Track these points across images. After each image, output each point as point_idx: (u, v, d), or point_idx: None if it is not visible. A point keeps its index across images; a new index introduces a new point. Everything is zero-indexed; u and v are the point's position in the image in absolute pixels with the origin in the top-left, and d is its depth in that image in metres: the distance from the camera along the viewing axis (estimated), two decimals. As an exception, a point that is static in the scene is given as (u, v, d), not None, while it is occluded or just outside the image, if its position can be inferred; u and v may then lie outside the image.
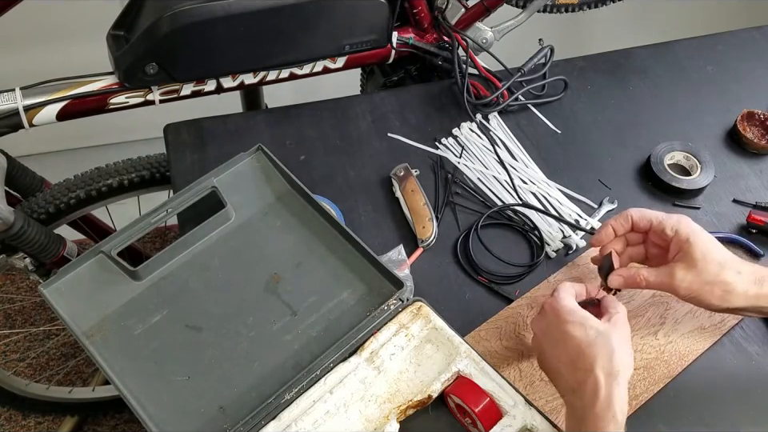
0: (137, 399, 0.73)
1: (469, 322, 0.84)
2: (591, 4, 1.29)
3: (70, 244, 1.13)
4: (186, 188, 0.85)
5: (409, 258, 0.90)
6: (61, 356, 1.70)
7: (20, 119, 0.95)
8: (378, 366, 0.75)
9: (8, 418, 1.63)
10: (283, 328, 0.79)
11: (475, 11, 1.14)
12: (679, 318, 0.85)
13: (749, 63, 1.16)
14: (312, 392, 0.73)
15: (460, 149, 1.01)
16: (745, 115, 1.04)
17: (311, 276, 0.82)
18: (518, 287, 0.89)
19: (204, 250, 0.84)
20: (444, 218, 0.95)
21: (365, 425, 0.72)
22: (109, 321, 0.79)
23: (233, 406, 0.73)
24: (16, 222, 1.00)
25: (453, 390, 0.74)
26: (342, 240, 0.83)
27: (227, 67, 1.01)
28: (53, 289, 0.78)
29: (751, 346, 0.84)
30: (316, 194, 0.88)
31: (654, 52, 1.17)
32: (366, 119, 1.06)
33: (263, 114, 1.13)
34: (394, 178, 0.97)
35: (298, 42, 1.01)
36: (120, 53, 0.95)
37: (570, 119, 1.07)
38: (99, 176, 1.12)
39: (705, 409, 0.79)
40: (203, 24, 0.92)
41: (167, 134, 1.02)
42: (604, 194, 0.98)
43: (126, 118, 1.07)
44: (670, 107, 1.09)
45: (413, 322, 0.77)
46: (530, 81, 1.09)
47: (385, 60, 1.12)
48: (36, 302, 1.77)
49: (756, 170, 1.02)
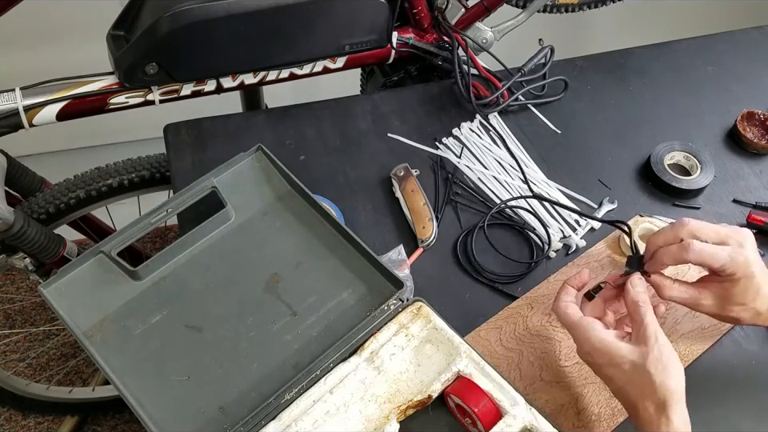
0: (137, 399, 0.73)
1: (469, 322, 0.84)
2: (591, 4, 1.29)
3: (70, 244, 1.13)
4: (186, 188, 0.85)
5: (409, 258, 0.90)
6: (61, 356, 1.70)
7: (20, 119, 0.95)
8: (377, 366, 0.75)
9: (8, 418, 1.63)
10: (283, 328, 0.79)
11: (475, 11, 1.14)
12: (679, 318, 0.85)
13: (749, 63, 1.16)
14: (312, 392, 0.73)
15: (460, 149, 1.01)
16: (745, 115, 1.04)
17: (311, 276, 0.82)
18: (518, 287, 0.89)
19: (204, 250, 0.84)
20: (444, 217, 0.95)
21: (365, 425, 0.72)
22: (109, 321, 0.79)
23: (233, 406, 0.73)
24: (16, 222, 1.00)
25: (453, 390, 0.74)
26: (341, 240, 0.83)
27: (227, 67, 1.01)
28: (53, 289, 0.78)
29: (751, 346, 0.84)
30: (316, 194, 0.88)
31: (654, 52, 1.17)
32: (366, 119, 1.06)
33: (263, 113, 1.13)
34: (393, 178, 0.97)
35: (298, 42, 1.01)
36: (120, 53, 0.95)
37: (570, 119, 1.07)
38: (99, 176, 1.12)
39: (705, 409, 0.79)
40: (203, 24, 0.92)
41: (167, 134, 1.02)
42: (604, 193, 0.98)
43: (126, 118, 1.07)
44: (670, 107, 1.09)
45: (413, 322, 0.77)
46: (530, 81, 1.09)
47: (385, 60, 1.12)
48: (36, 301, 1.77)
49: (756, 170, 1.02)
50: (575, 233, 0.93)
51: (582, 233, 0.93)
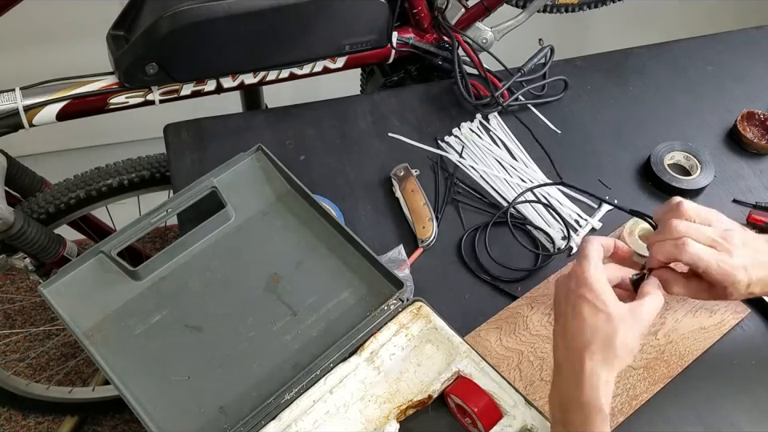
0: (137, 399, 0.73)
1: (469, 322, 0.84)
2: (591, 4, 1.29)
3: (70, 244, 1.13)
4: (186, 188, 0.85)
5: (409, 258, 0.90)
6: (61, 356, 1.70)
7: (20, 119, 0.95)
8: (378, 366, 0.75)
9: (8, 418, 1.63)
10: (283, 328, 0.79)
11: (475, 11, 1.14)
12: (679, 318, 0.85)
13: (749, 63, 1.16)
14: (312, 392, 0.73)
15: (460, 148, 1.01)
16: (745, 115, 1.04)
17: (311, 276, 0.82)
18: (519, 286, 0.89)
19: (204, 250, 0.84)
20: (444, 217, 0.95)
21: (365, 425, 0.72)
22: (109, 321, 0.79)
23: (233, 406, 0.74)
24: (16, 222, 1.00)
25: (453, 390, 0.74)
26: (342, 240, 0.83)
27: (227, 67, 1.01)
28: (53, 289, 0.78)
29: (751, 345, 0.84)
30: (316, 194, 0.88)
31: (654, 52, 1.17)
32: (366, 119, 1.06)
33: (263, 113, 1.13)
34: (393, 178, 0.97)
35: (298, 42, 1.01)
36: (120, 53, 0.95)
37: (569, 119, 1.07)
38: (99, 176, 1.12)
39: (705, 409, 0.79)
40: (203, 24, 0.92)
41: (167, 134, 1.02)
42: (604, 194, 0.98)
43: (126, 118, 1.07)
44: (669, 107, 1.09)
45: (413, 322, 0.77)
46: (530, 81, 1.09)
47: (385, 60, 1.12)
48: (36, 302, 1.77)
49: (756, 170, 1.02)
50: (576, 233, 0.93)
51: (583, 233, 0.93)
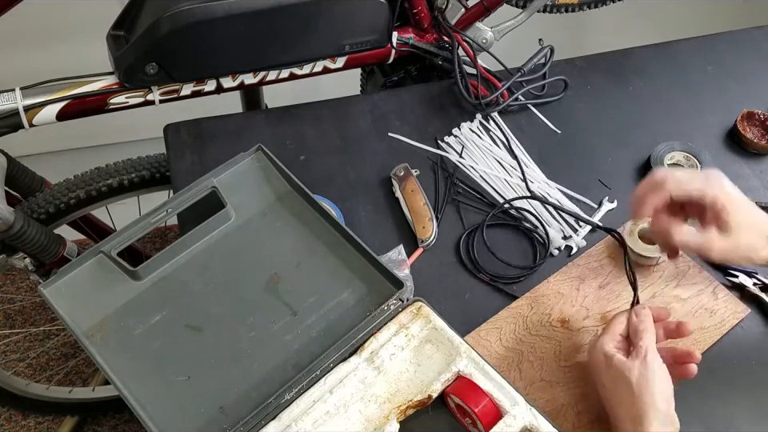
0: (137, 399, 0.73)
1: (469, 322, 0.85)
2: (591, 4, 1.29)
3: (70, 244, 1.13)
4: (186, 188, 0.84)
5: (409, 258, 0.90)
6: (61, 356, 1.70)
7: (20, 119, 0.95)
8: (378, 366, 0.75)
9: (8, 418, 1.63)
10: (283, 328, 0.79)
11: (475, 11, 1.14)
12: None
13: (749, 63, 1.16)
14: (312, 392, 0.73)
15: (460, 148, 1.01)
16: (745, 115, 1.04)
17: (311, 276, 0.82)
18: (519, 287, 0.89)
19: (204, 250, 0.84)
20: (444, 217, 0.95)
21: (365, 425, 0.72)
22: (109, 321, 0.78)
23: (233, 406, 0.73)
24: (16, 222, 1.00)
25: (453, 390, 0.74)
26: (341, 240, 0.83)
27: (227, 67, 1.01)
28: (53, 289, 0.78)
29: (751, 346, 0.84)
30: (316, 194, 0.88)
31: (654, 52, 1.17)
32: (366, 119, 1.06)
33: (263, 113, 1.13)
34: (394, 178, 0.97)
35: (298, 42, 1.01)
36: (120, 53, 0.95)
37: (569, 119, 1.07)
38: (99, 176, 1.12)
39: (705, 409, 0.80)
40: (203, 24, 0.92)
41: (167, 134, 1.02)
42: (604, 193, 0.98)
43: (126, 118, 1.07)
44: (670, 107, 1.09)
45: (413, 322, 0.77)
46: (530, 81, 1.09)
47: (385, 60, 1.12)
48: (36, 302, 1.77)
49: (756, 170, 1.02)
50: (576, 233, 0.93)
51: (583, 233, 0.93)
